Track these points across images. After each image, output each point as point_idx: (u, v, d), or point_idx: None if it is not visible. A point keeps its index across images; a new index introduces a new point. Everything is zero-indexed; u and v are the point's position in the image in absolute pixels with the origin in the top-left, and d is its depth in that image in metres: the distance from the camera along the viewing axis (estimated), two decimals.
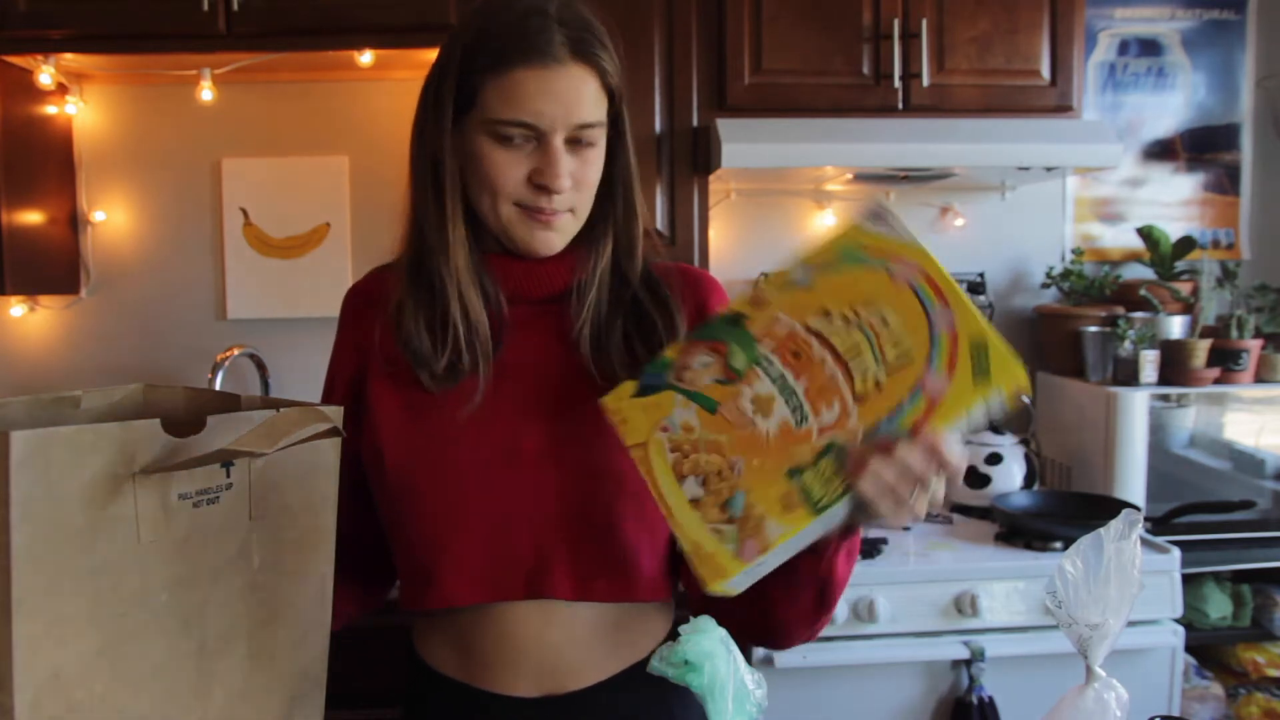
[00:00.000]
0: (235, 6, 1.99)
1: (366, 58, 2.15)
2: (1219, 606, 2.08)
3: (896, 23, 2.11)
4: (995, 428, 2.33)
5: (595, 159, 0.94)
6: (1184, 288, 2.31)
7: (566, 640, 0.95)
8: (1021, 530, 2.03)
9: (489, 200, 0.93)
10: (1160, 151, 2.56)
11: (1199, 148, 2.57)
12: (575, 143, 0.92)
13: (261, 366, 2.35)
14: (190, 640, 0.76)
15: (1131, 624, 0.83)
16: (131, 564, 0.71)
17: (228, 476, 0.77)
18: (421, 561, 0.96)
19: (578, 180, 0.93)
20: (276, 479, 0.80)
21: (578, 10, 0.92)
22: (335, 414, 0.80)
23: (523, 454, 0.94)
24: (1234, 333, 2.19)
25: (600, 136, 0.94)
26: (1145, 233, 2.42)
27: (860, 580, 1.87)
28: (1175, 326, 2.23)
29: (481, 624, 0.96)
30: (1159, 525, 2.10)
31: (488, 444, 0.95)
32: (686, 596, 1.00)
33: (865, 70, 2.13)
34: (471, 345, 0.95)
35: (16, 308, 2.37)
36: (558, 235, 0.95)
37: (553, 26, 0.89)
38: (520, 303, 0.99)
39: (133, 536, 0.71)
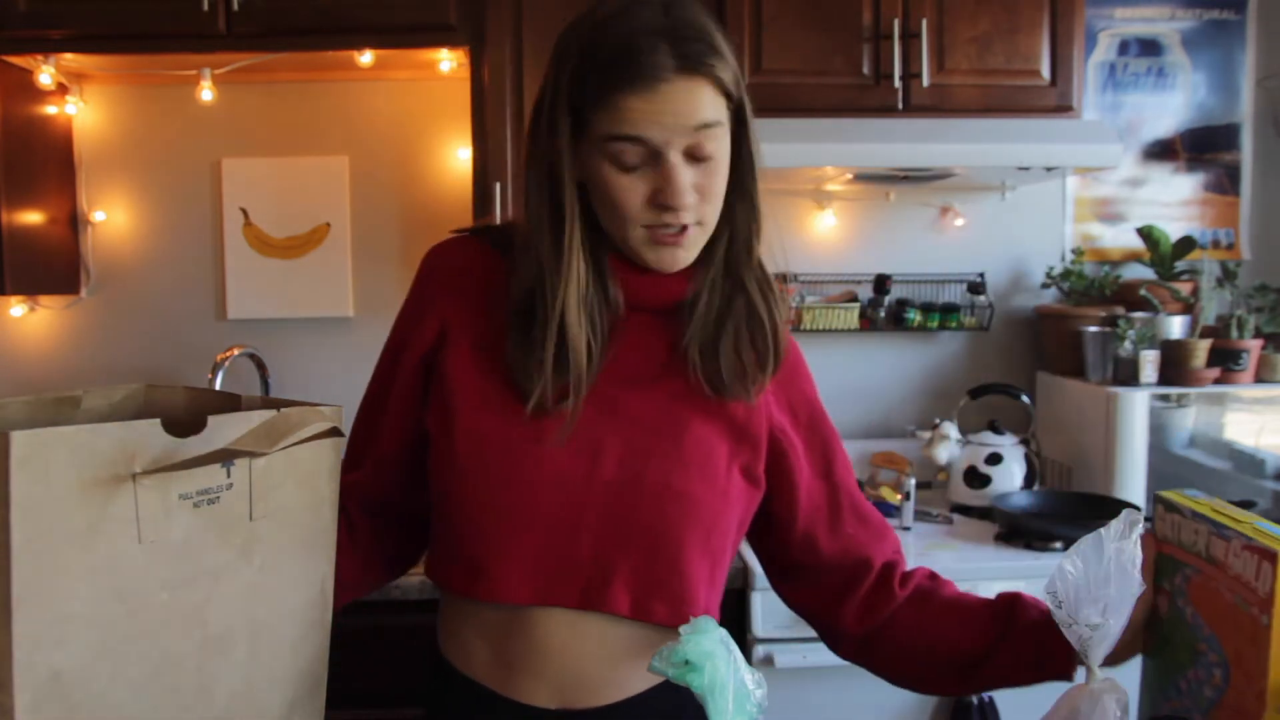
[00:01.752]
0: (235, 6, 1.99)
1: (366, 58, 2.15)
2: None
3: (896, 23, 2.11)
4: (995, 428, 2.33)
5: (718, 166, 0.90)
6: (1184, 288, 2.31)
7: (597, 657, 0.94)
8: (1021, 530, 2.03)
9: (617, 225, 0.90)
10: (1160, 151, 2.56)
11: (1199, 148, 2.57)
12: (694, 154, 0.88)
13: (261, 366, 2.35)
14: (190, 640, 0.75)
15: None
16: (132, 564, 0.71)
17: (228, 477, 0.77)
18: (476, 551, 0.93)
19: (703, 191, 0.89)
20: (277, 479, 0.80)
21: (689, 15, 0.87)
22: (335, 414, 0.81)
23: (602, 464, 0.92)
24: (1234, 333, 2.19)
25: (721, 140, 0.89)
26: (1145, 233, 2.42)
27: None
28: (1175, 326, 2.23)
29: (518, 625, 0.94)
30: None
31: (569, 448, 0.92)
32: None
33: (865, 70, 2.13)
34: (570, 359, 0.92)
35: (16, 308, 2.37)
36: (686, 251, 0.92)
37: (660, 45, 0.85)
38: (638, 309, 0.96)
39: (133, 536, 0.71)
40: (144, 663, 0.72)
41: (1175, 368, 2.15)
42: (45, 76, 2.16)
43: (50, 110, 2.28)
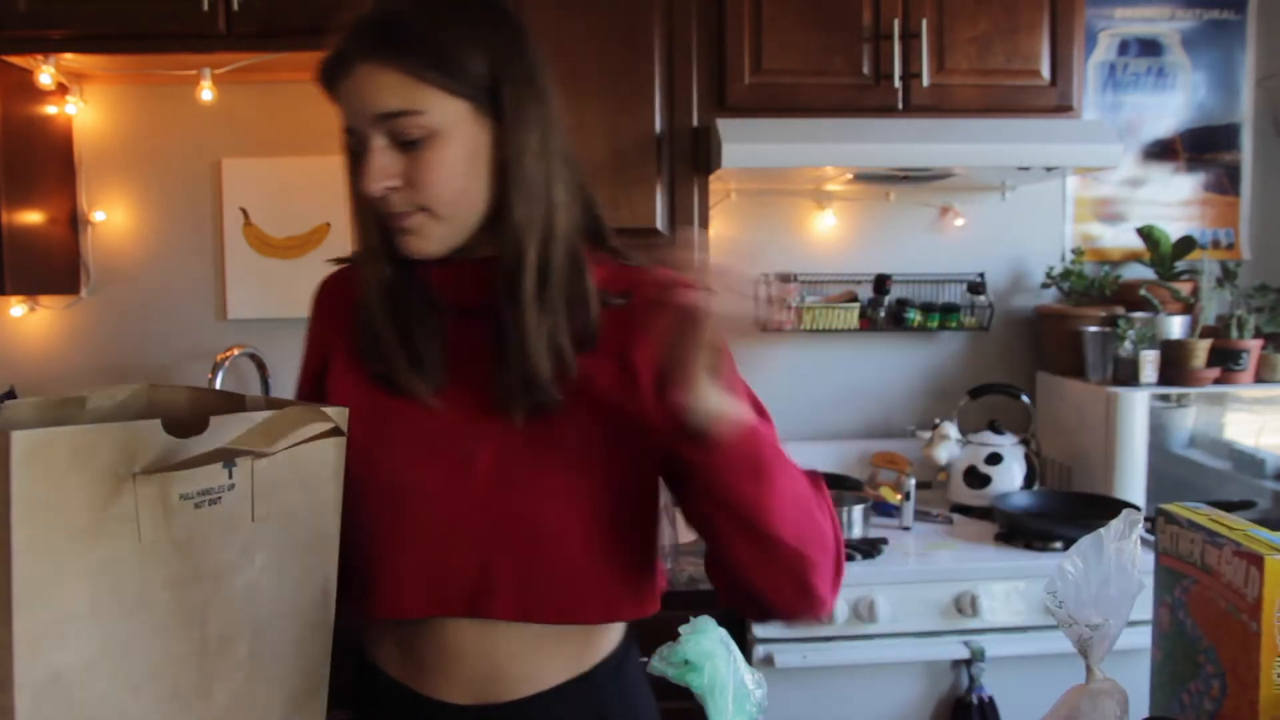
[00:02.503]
0: (235, 6, 1.99)
1: None
2: None
3: (896, 23, 2.11)
4: (995, 428, 2.33)
5: (430, 153, 0.87)
6: (1184, 288, 2.31)
7: (507, 655, 0.94)
8: (1021, 530, 2.03)
9: None
10: (1160, 151, 2.56)
11: (1199, 148, 2.57)
12: (402, 140, 0.87)
13: (261, 366, 2.35)
14: (191, 640, 0.75)
15: (1131, 624, 0.82)
16: (132, 564, 0.71)
17: (230, 477, 0.77)
18: (363, 570, 0.94)
19: (412, 179, 0.88)
20: (279, 480, 0.80)
21: (388, 6, 0.87)
22: (338, 414, 0.80)
23: (474, 470, 0.91)
24: (1234, 333, 2.19)
25: (431, 127, 0.86)
26: (1145, 233, 2.42)
27: (860, 580, 1.87)
28: (1175, 326, 2.23)
29: (423, 634, 0.95)
30: None
31: (439, 458, 0.92)
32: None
33: (865, 70, 2.13)
34: (416, 356, 0.93)
35: (16, 308, 2.37)
36: (418, 239, 0.91)
37: (346, 38, 0.87)
38: (473, 312, 0.95)
39: (134, 536, 0.71)
40: (145, 663, 0.72)
41: (1175, 368, 2.15)
42: (45, 76, 2.16)
43: (50, 110, 2.28)
